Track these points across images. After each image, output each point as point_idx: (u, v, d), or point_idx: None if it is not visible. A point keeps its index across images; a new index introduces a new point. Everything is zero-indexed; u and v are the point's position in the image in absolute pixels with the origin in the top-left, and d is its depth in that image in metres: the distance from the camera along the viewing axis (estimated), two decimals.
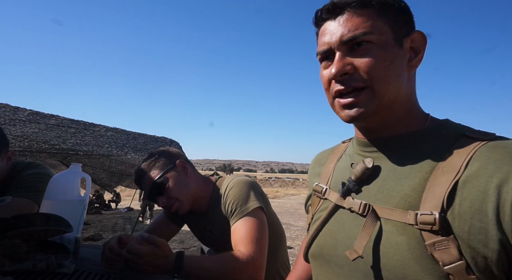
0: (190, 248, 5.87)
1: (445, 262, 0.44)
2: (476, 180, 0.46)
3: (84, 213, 1.05)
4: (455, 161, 0.49)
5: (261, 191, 1.18)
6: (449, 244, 0.45)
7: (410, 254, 0.48)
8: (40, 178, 1.32)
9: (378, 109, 0.56)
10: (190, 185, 1.17)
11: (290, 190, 34.82)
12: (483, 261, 0.43)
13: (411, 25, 0.58)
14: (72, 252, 0.86)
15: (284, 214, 11.17)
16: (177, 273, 0.87)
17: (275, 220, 1.28)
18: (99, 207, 12.22)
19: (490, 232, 0.43)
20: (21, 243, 0.78)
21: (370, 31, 0.54)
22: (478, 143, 0.50)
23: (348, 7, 0.56)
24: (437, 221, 0.46)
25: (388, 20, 0.56)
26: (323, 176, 0.73)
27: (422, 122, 0.59)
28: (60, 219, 0.83)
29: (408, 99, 0.59)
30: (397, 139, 0.59)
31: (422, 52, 0.58)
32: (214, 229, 1.22)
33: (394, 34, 0.55)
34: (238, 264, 0.94)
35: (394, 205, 0.52)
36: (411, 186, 0.52)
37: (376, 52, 0.54)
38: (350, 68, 0.55)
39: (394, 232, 0.51)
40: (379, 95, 0.54)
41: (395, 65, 0.55)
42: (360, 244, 0.53)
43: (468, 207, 0.45)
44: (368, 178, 0.59)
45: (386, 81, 0.54)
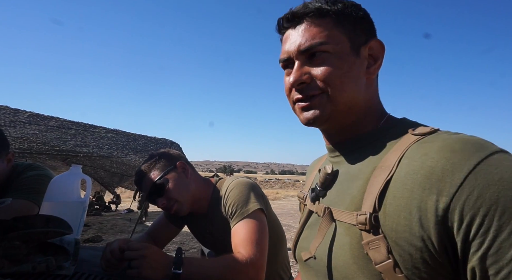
0: (190, 250, 5.86)
1: (376, 261, 0.45)
2: (404, 177, 0.46)
3: (84, 215, 1.05)
4: (391, 159, 0.50)
5: (261, 193, 1.18)
6: (380, 243, 0.46)
7: (350, 253, 0.49)
8: (40, 180, 1.32)
9: (334, 113, 0.57)
10: (190, 186, 1.17)
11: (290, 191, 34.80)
12: (409, 259, 0.44)
13: (370, 33, 0.59)
14: (72, 254, 0.86)
15: (284, 216, 11.16)
16: (178, 269, 0.86)
17: (276, 222, 1.28)
18: (99, 209, 12.20)
19: (413, 229, 0.43)
20: (21, 245, 0.78)
21: (326, 41, 0.56)
22: (415, 139, 0.50)
23: (307, 17, 0.58)
24: (367, 221, 0.47)
25: (345, 29, 0.57)
26: (307, 183, 0.76)
27: (376, 123, 0.60)
28: (60, 221, 0.83)
29: (366, 104, 0.59)
30: (352, 142, 0.60)
31: (381, 59, 0.59)
32: (214, 230, 1.21)
33: (351, 43, 0.57)
34: (238, 265, 0.94)
35: (345, 207, 0.54)
36: (358, 187, 0.53)
37: (332, 62, 0.55)
38: (307, 77, 0.57)
39: (343, 233, 0.52)
40: (334, 101, 0.56)
41: (351, 73, 0.56)
42: (313, 245, 0.56)
43: (396, 206, 0.45)
44: (330, 182, 0.61)
45: (341, 89, 0.56)
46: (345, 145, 0.61)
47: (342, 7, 0.58)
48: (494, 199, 0.39)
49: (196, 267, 0.91)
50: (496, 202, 0.39)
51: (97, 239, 6.51)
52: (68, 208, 1.00)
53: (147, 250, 0.85)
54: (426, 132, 0.50)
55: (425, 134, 0.50)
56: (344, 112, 0.58)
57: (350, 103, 0.57)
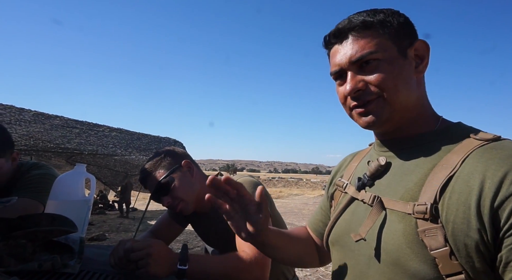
0: (194, 248, 5.88)
1: (432, 247, 0.50)
2: (466, 176, 0.51)
3: (89, 213, 1.05)
4: (454, 159, 0.54)
5: (266, 191, 1.18)
6: (437, 231, 0.50)
7: (404, 239, 0.54)
8: (45, 179, 1.33)
9: (391, 115, 0.62)
10: (195, 185, 1.17)
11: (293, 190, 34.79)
12: (464, 248, 0.48)
13: (413, 35, 0.64)
14: (77, 252, 0.86)
15: (287, 214, 11.16)
16: (184, 265, 0.86)
17: (279, 221, 1.27)
18: (103, 207, 12.28)
19: (472, 223, 0.48)
20: (27, 243, 0.78)
21: (375, 50, 0.60)
22: (479, 144, 0.54)
23: (352, 31, 0.63)
24: (428, 210, 0.51)
25: (390, 36, 0.61)
26: (346, 173, 0.80)
27: (433, 124, 0.64)
28: (65, 219, 0.84)
29: (419, 102, 0.64)
30: (408, 140, 0.65)
31: (427, 57, 0.64)
32: (218, 229, 1.21)
33: (398, 47, 0.61)
34: (243, 264, 0.94)
35: (399, 197, 0.58)
36: (414, 180, 0.58)
37: (383, 67, 0.60)
38: (363, 84, 0.62)
39: (395, 220, 0.57)
40: (391, 103, 0.61)
41: (402, 75, 0.61)
42: (364, 228, 0.61)
43: (456, 200, 0.50)
44: (381, 174, 0.66)
45: (396, 90, 0.60)
46: (400, 142, 0.66)
47: (383, 16, 0.62)
48: None
49: (202, 264, 0.91)
50: None
51: (102, 238, 6.56)
52: (73, 207, 1.00)
53: (152, 248, 0.85)
54: (489, 138, 0.55)
55: (489, 140, 0.54)
56: (400, 112, 0.62)
57: (405, 103, 0.62)
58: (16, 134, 4.17)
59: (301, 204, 16.32)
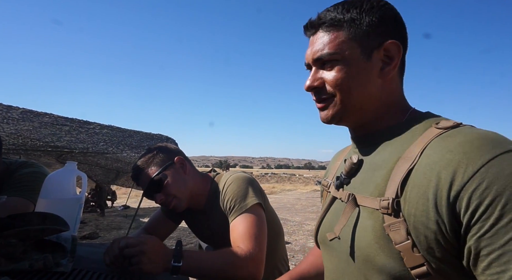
0: (187, 245, 5.87)
1: (396, 241, 0.51)
2: (423, 168, 0.51)
3: (81, 212, 1.04)
4: (414, 150, 0.54)
5: (259, 187, 1.18)
6: (400, 225, 0.51)
7: (373, 235, 0.54)
8: (35, 177, 1.31)
9: (344, 114, 0.63)
10: (188, 182, 1.17)
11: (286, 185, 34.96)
12: (425, 240, 0.49)
13: (387, 35, 0.61)
14: (69, 251, 0.85)
15: (281, 210, 11.22)
16: (178, 262, 0.86)
17: (273, 216, 1.28)
18: (95, 206, 12.15)
19: (430, 214, 0.48)
20: (17, 242, 0.77)
21: (334, 51, 0.60)
22: (438, 133, 0.54)
23: (322, 26, 0.63)
24: (390, 205, 0.52)
25: (356, 36, 0.60)
26: (331, 172, 0.81)
27: (402, 117, 0.64)
28: (56, 218, 0.82)
29: (385, 102, 0.63)
30: (377, 134, 0.65)
31: (396, 60, 0.61)
32: (212, 225, 1.21)
33: (362, 48, 0.60)
34: (237, 260, 0.94)
35: (369, 193, 0.59)
36: (382, 175, 0.58)
37: (341, 68, 0.61)
38: (319, 82, 0.64)
39: (366, 217, 0.57)
40: (343, 104, 0.62)
41: (359, 77, 0.61)
42: (338, 227, 0.62)
43: (416, 193, 0.50)
44: (355, 171, 0.66)
45: (349, 92, 0.61)
46: (370, 137, 0.66)
47: (355, 14, 0.60)
48: (500, 190, 0.43)
49: (196, 260, 0.91)
50: (501, 194, 0.43)
51: (94, 236, 6.50)
52: (64, 205, 0.99)
53: (146, 245, 0.84)
54: (449, 126, 0.54)
55: (448, 128, 0.54)
56: (355, 112, 0.63)
57: (359, 105, 0.62)
58: (3, 133, 4.08)
59: (294, 199, 16.41)
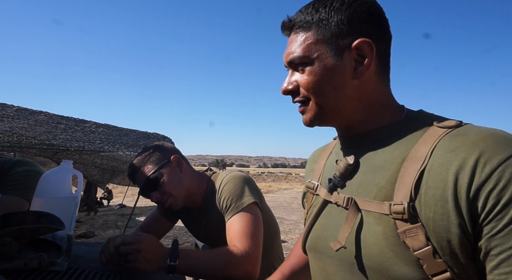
0: (183, 244, 5.87)
1: (414, 248, 0.48)
2: (438, 168, 0.48)
3: (76, 210, 1.04)
4: (422, 150, 0.52)
5: (256, 186, 1.18)
6: (418, 231, 0.48)
7: (385, 242, 0.51)
8: (30, 175, 1.30)
9: (323, 117, 0.62)
10: (184, 180, 1.17)
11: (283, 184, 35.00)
12: (447, 245, 0.46)
13: (359, 33, 0.58)
14: (64, 250, 0.85)
15: (277, 209, 11.23)
16: (174, 261, 0.86)
17: (270, 215, 1.28)
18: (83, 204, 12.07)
19: (451, 217, 0.46)
20: (12, 241, 0.77)
21: (303, 54, 0.59)
22: (443, 132, 0.52)
23: (293, 28, 0.62)
24: (405, 210, 0.49)
25: (325, 37, 0.58)
26: (315, 173, 0.76)
27: (395, 116, 0.61)
28: (51, 217, 0.82)
29: (366, 102, 0.61)
30: (372, 134, 0.62)
31: (369, 59, 0.58)
32: (209, 224, 1.21)
33: (332, 49, 0.58)
34: (233, 258, 0.94)
35: (372, 197, 0.55)
36: (386, 177, 0.55)
37: (312, 71, 0.59)
38: (294, 86, 0.62)
39: (373, 223, 0.54)
40: (318, 107, 0.61)
41: (332, 79, 0.58)
42: (343, 235, 0.57)
43: (432, 195, 0.48)
44: (351, 173, 0.62)
45: (322, 96, 0.59)
46: (362, 137, 0.63)
47: (324, 14, 0.58)
48: None
49: (192, 259, 0.91)
50: None
51: (90, 235, 6.47)
52: (59, 204, 0.99)
53: (142, 244, 0.84)
54: (453, 125, 0.53)
55: (452, 127, 0.52)
56: (334, 114, 0.61)
57: (336, 107, 0.60)
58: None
59: (290, 198, 16.44)
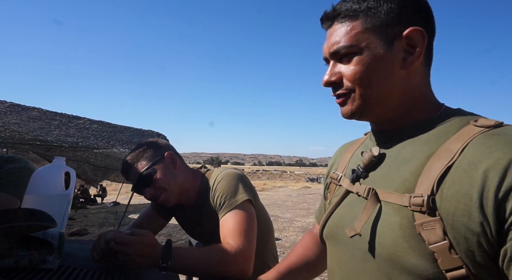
0: (177, 242, 5.86)
1: (430, 241, 0.47)
2: (467, 165, 0.47)
3: (69, 208, 1.03)
4: (453, 147, 0.51)
5: (250, 184, 1.18)
6: (435, 224, 0.47)
7: (400, 232, 0.51)
8: (21, 172, 1.28)
9: (366, 109, 0.61)
10: (178, 177, 1.16)
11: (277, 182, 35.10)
12: (465, 242, 0.46)
13: (410, 22, 0.57)
14: (56, 248, 0.84)
15: (271, 206, 11.26)
16: (166, 262, 0.86)
17: (264, 213, 1.28)
18: (84, 202, 12.01)
19: (473, 215, 0.45)
20: (2, 239, 0.76)
21: (352, 44, 0.58)
22: (479, 130, 0.51)
23: (338, 18, 0.60)
24: (425, 203, 0.48)
25: (374, 26, 0.57)
26: (340, 165, 0.77)
27: (432, 112, 0.60)
28: (43, 214, 0.81)
29: (409, 95, 0.60)
30: (406, 128, 0.61)
31: (420, 48, 0.57)
32: (202, 222, 1.21)
33: (381, 38, 0.57)
34: (227, 256, 0.94)
35: (394, 188, 0.55)
36: (410, 171, 0.55)
37: (359, 61, 0.58)
38: (337, 77, 0.61)
39: (391, 213, 0.54)
40: (362, 98, 0.60)
41: (379, 70, 0.58)
42: (359, 223, 0.58)
43: (455, 190, 0.47)
44: (375, 165, 0.63)
45: (369, 86, 0.58)
46: (397, 131, 0.62)
47: (373, 2, 0.57)
48: None
49: (185, 258, 0.90)
50: None
51: (83, 233, 6.43)
52: (51, 201, 0.97)
53: (132, 247, 0.83)
54: (491, 125, 0.51)
55: (490, 127, 0.51)
56: (377, 107, 0.60)
57: (381, 99, 0.59)
58: None
59: (285, 196, 16.48)
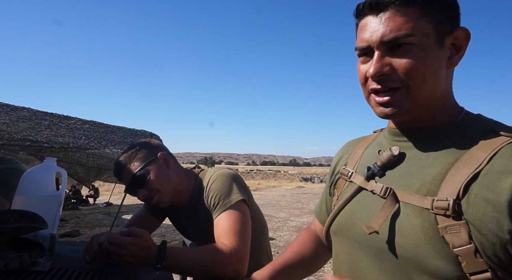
0: (171, 242, 5.83)
1: (455, 245, 0.48)
2: (496, 174, 0.48)
3: (60, 209, 1.01)
4: (479, 154, 0.51)
5: (244, 183, 1.18)
6: (461, 228, 0.48)
7: (423, 234, 0.51)
8: (11, 173, 1.26)
9: (413, 107, 0.58)
10: (171, 177, 1.15)
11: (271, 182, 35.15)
12: (491, 247, 0.46)
13: (456, 21, 0.58)
14: (47, 249, 0.82)
15: (266, 206, 11.27)
16: (160, 264, 0.85)
17: (258, 212, 1.28)
18: (76, 203, 11.88)
19: (502, 222, 0.45)
20: None
21: (412, 33, 0.54)
22: (506, 140, 0.51)
23: (392, 5, 0.55)
24: (450, 206, 0.49)
25: (432, 19, 0.55)
26: (350, 161, 0.76)
27: (455, 116, 0.61)
28: (33, 216, 0.80)
29: (444, 95, 0.60)
30: (428, 131, 0.61)
31: (464, 49, 0.58)
32: (196, 222, 1.20)
33: (437, 33, 0.55)
34: (221, 256, 0.94)
35: (414, 190, 0.55)
36: (433, 174, 0.55)
37: (416, 54, 0.55)
38: (388, 69, 0.56)
39: (411, 214, 0.54)
40: (414, 95, 0.57)
41: (434, 65, 0.56)
42: (378, 221, 0.57)
43: (483, 197, 0.47)
44: (393, 164, 0.62)
45: (423, 82, 0.56)
46: (418, 132, 0.62)
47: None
48: None
49: (179, 258, 0.90)
50: None
51: (75, 234, 6.35)
52: (42, 203, 0.96)
53: (126, 250, 0.82)
54: None
55: None
56: (423, 106, 0.59)
57: (429, 97, 0.58)
58: None
59: (278, 195, 16.52)
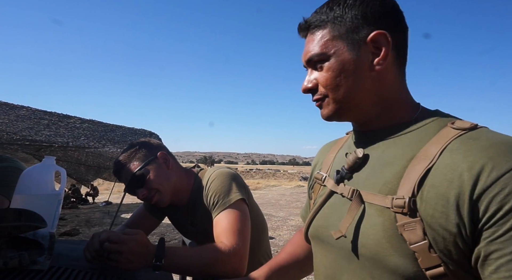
0: (171, 241, 5.83)
1: (411, 241, 0.50)
2: (444, 168, 0.50)
3: (59, 208, 1.01)
4: (432, 150, 0.53)
5: (243, 183, 1.18)
6: (416, 225, 0.50)
7: (383, 233, 0.53)
8: (10, 172, 1.26)
9: (341, 112, 0.64)
10: (171, 177, 1.15)
11: (271, 181, 35.15)
12: (442, 242, 0.48)
13: (375, 26, 0.59)
14: (46, 248, 0.82)
15: (265, 205, 11.28)
16: (159, 261, 0.85)
17: (257, 211, 1.28)
18: (76, 201, 11.87)
19: (450, 216, 0.47)
20: None
21: (321, 52, 0.62)
22: (456, 133, 0.53)
23: (310, 29, 0.64)
24: (406, 204, 0.51)
25: (341, 34, 0.61)
26: (324, 165, 0.79)
27: (411, 113, 0.63)
28: (33, 214, 0.80)
29: (383, 96, 0.62)
30: (387, 130, 0.63)
31: (385, 50, 0.59)
32: (196, 221, 1.20)
33: (348, 44, 0.60)
34: (220, 255, 0.94)
35: (377, 190, 0.57)
36: (393, 173, 0.56)
37: (330, 67, 0.61)
38: (313, 84, 0.65)
39: (374, 214, 0.56)
40: (335, 102, 0.63)
41: (349, 73, 0.61)
42: (344, 224, 0.59)
43: (434, 193, 0.50)
44: (359, 166, 0.64)
45: (339, 90, 0.62)
46: (378, 132, 0.64)
47: (339, 11, 0.61)
48: None
49: (179, 257, 0.90)
50: None
51: (74, 233, 6.35)
52: (41, 201, 0.96)
53: (124, 245, 0.82)
54: (467, 127, 0.53)
55: (466, 130, 0.53)
56: (352, 109, 0.63)
57: (354, 101, 0.62)
58: None
59: (278, 195, 16.52)
